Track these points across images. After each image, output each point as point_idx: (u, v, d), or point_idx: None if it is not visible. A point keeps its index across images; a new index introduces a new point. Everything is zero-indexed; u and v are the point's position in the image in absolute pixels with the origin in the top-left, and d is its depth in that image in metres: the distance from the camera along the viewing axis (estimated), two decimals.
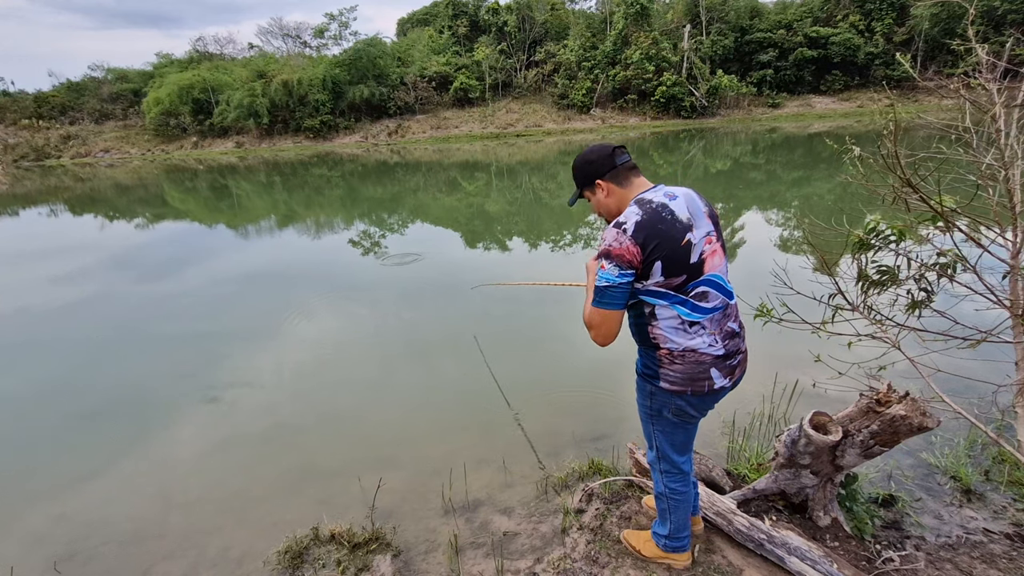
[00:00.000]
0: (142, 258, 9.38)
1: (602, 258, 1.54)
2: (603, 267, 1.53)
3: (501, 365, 4.26)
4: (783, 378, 3.29)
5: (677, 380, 1.64)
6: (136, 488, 3.14)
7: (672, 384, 1.65)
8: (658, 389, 1.69)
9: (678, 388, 1.65)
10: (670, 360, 1.63)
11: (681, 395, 1.66)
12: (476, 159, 22.72)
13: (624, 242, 1.51)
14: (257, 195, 16.84)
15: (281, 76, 31.87)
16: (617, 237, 1.52)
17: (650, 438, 1.88)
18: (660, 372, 1.66)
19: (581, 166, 1.68)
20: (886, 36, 31.70)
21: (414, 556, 2.40)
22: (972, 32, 2.02)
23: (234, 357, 4.91)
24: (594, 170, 1.65)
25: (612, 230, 1.53)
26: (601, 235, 1.59)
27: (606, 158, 1.63)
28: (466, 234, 9.99)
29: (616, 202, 1.65)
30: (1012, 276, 1.95)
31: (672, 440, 1.83)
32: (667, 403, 1.71)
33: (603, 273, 1.53)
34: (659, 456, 1.89)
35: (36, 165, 31.23)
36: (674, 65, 31.35)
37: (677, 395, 1.67)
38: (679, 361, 1.62)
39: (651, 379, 1.70)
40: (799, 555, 2.00)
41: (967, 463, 2.68)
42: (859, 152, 2.02)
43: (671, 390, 1.66)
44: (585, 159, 1.67)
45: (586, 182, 1.68)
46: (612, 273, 1.52)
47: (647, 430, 1.87)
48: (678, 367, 1.63)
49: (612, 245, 1.52)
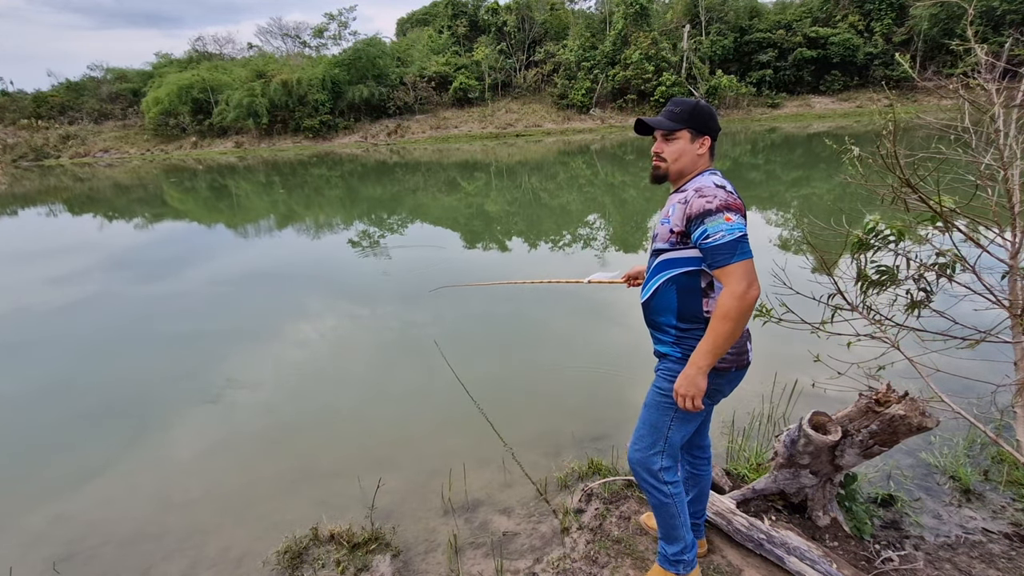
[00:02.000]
0: (141, 258, 9.37)
1: (724, 211, 1.51)
2: (728, 219, 1.50)
3: (501, 365, 4.26)
4: (782, 378, 3.30)
5: (727, 356, 1.62)
6: (135, 488, 3.13)
7: (722, 361, 1.62)
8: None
9: (726, 364, 1.63)
10: None
11: (726, 372, 1.65)
12: (476, 159, 22.72)
13: (735, 199, 1.54)
14: (256, 195, 16.83)
15: (280, 76, 31.85)
16: (729, 194, 1.54)
17: (659, 429, 1.74)
18: None
19: (706, 116, 1.65)
20: (885, 36, 31.73)
21: (413, 556, 2.39)
22: (971, 32, 2.02)
23: (233, 357, 4.91)
24: (714, 127, 1.66)
25: (719, 189, 1.54)
26: (694, 195, 1.56)
27: (719, 130, 1.68)
28: (466, 234, 9.99)
29: (700, 164, 1.67)
30: (1011, 276, 1.95)
31: (684, 430, 1.75)
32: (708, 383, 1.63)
33: (732, 225, 1.50)
34: (663, 450, 1.75)
35: (35, 165, 31.19)
36: (673, 65, 31.37)
37: (722, 372, 1.64)
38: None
39: None
40: (798, 555, 2.00)
41: (966, 463, 2.68)
42: (858, 152, 2.02)
43: (720, 368, 1.62)
44: (712, 114, 1.67)
45: (703, 129, 1.65)
46: (740, 223, 1.52)
47: (660, 420, 1.73)
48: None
49: (729, 200, 1.52)
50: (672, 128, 1.64)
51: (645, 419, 1.78)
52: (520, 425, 3.42)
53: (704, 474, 2.04)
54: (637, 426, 1.82)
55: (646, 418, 1.78)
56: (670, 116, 1.66)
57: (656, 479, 1.77)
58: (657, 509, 1.83)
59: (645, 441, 1.77)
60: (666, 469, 1.76)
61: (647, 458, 1.76)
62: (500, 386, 4.04)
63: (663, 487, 1.77)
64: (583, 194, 13.58)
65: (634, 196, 12.81)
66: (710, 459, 2.05)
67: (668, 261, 1.66)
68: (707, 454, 2.04)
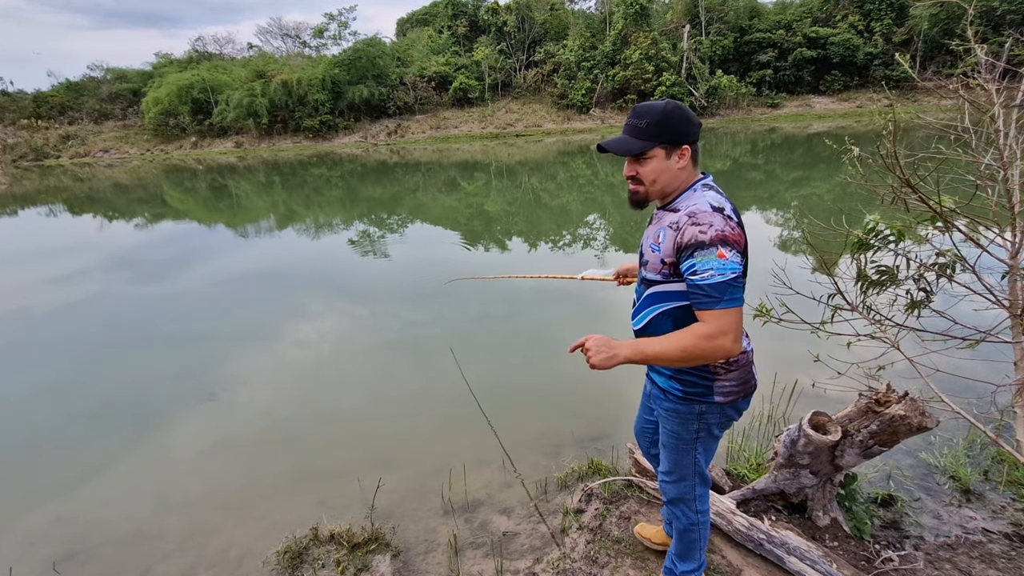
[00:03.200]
0: (141, 258, 9.37)
1: (718, 246, 1.29)
2: (722, 256, 1.29)
3: (501, 365, 4.26)
4: (782, 378, 3.29)
5: (733, 389, 1.52)
6: (135, 488, 3.13)
7: (727, 395, 1.52)
8: (711, 406, 1.54)
9: (733, 397, 1.53)
10: (726, 370, 1.50)
11: (734, 403, 1.54)
12: (475, 159, 22.71)
13: (735, 227, 1.33)
14: (256, 195, 16.82)
15: (280, 76, 31.85)
16: (727, 222, 1.31)
17: (686, 466, 1.67)
18: (715, 386, 1.51)
19: (679, 122, 1.39)
20: (885, 36, 31.72)
21: (413, 556, 2.39)
22: (971, 32, 2.02)
23: (233, 357, 4.91)
24: (691, 131, 1.40)
25: (716, 215, 1.32)
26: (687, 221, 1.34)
27: (698, 127, 1.41)
28: (466, 234, 9.99)
29: (684, 177, 1.43)
30: (1011, 276, 1.95)
31: (709, 457, 1.69)
32: (718, 418, 1.57)
33: (726, 264, 1.29)
34: (696, 481, 1.69)
35: (35, 165, 31.19)
36: (673, 65, 31.36)
37: (730, 404, 1.54)
38: (735, 367, 1.51)
39: (701, 398, 1.53)
40: (798, 555, 2.00)
41: (966, 463, 2.68)
42: (858, 152, 2.02)
43: (726, 402, 1.52)
44: (686, 116, 1.39)
45: (675, 139, 1.39)
46: (735, 260, 1.30)
47: (683, 459, 1.66)
48: (734, 374, 1.51)
49: (727, 231, 1.30)
50: (641, 150, 1.41)
51: (669, 457, 1.70)
52: (520, 425, 3.41)
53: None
54: (662, 460, 1.75)
55: (670, 456, 1.70)
56: (635, 132, 1.41)
57: (689, 508, 1.76)
58: (681, 533, 1.81)
59: (675, 475, 1.72)
60: (700, 497, 1.75)
61: (681, 490, 1.73)
62: (500, 386, 4.04)
63: (693, 516, 1.77)
64: (583, 194, 13.58)
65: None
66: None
67: (661, 294, 1.49)
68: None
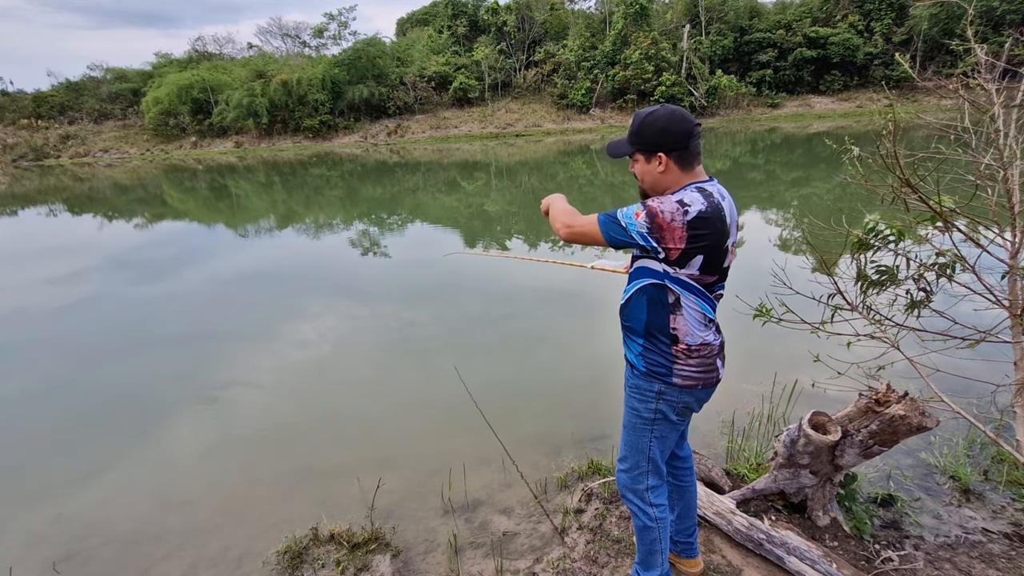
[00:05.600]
0: (141, 258, 9.37)
1: (643, 209, 1.45)
2: (638, 215, 1.45)
3: (501, 365, 4.26)
4: (782, 378, 3.29)
5: (692, 375, 1.58)
6: (135, 488, 3.13)
7: (686, 380, 1.58)
8: (669, 387, 1.60)
9: (692, 383, 1.59)
10: (687, 355, 1.57)
11: (692, 390, 1.61)
12: (475, 159, 22.72)
13: (677, 222, 1.42)
14: (256, 195, 16.82)
15: (280, 76, 31.82)
16: (674, 215, 1.42)
17: (640, 451, 1.73)
18: (675, 368, 1.58)
19: (652, 132, 1.50)
20: (885, 36, 31.71)
21: (413, 556, 2.39)
22: (971, 32, 2.02)
23: (233, 357, 4.91)
24: (664, 141, 1.49)
25: (675, 204, 1.43)
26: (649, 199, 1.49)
27: (682, 136, 1.48)
28: (466, 233, 9.99)
29: (669, 181, 1.53)
30: (1011, 276, 1.95)
31: (664, 446, 1.73)
32: (676, 402, 1.63)
33: (634, 220, 1.45)
34: (648, 470, 1.74)
35: (35, 165, 31.18)
36: (673, 65, 31.35)
37: (688, 390, 1.60)
38: (695, 355, 1.57)
39: (661, 377, 1.60)
40: (798, 555, 2.00)
41: (966, 463, 2.68)
42: (858, 152, 2.02)
43: (684, 385, 1.59)
44: (661, 127, 1.49)
45: (647, 147, 1.52)
46: (640, 228, 1.45)
47: (639, 442, 1.72)
48: (694, 361, 1.57)
49: (663, 215, 1.42)
50: (621, 154, 1.59)
51: (626, 440, 1.77)
52: (520, 425, 3.42)
53: (688, 484, 1.98)
54: (620, 447, 1.81)
55: (626, 439, 1.76)
56: (627, 136, 1.58)
57: (642, 500, 1.77)
58: (640, 532, 1.83)
59: (629, 462, 1.77)
60: (652, 488, 1.76)
61: (633, 479, 1.77)
62: (500, 386, 4.04)
63: (649, 509, 1.77)
64: (583, 194, 13.58)
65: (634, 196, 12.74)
66: (692, 469, 1.99)
67: (641, 269, 1.60)
68: (688, 464, 1.98)
